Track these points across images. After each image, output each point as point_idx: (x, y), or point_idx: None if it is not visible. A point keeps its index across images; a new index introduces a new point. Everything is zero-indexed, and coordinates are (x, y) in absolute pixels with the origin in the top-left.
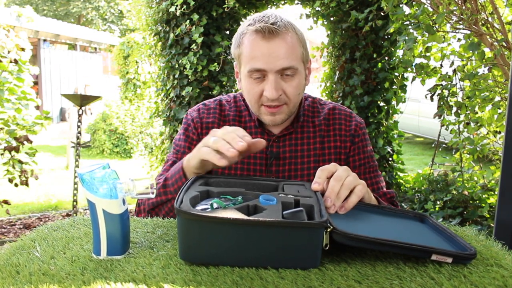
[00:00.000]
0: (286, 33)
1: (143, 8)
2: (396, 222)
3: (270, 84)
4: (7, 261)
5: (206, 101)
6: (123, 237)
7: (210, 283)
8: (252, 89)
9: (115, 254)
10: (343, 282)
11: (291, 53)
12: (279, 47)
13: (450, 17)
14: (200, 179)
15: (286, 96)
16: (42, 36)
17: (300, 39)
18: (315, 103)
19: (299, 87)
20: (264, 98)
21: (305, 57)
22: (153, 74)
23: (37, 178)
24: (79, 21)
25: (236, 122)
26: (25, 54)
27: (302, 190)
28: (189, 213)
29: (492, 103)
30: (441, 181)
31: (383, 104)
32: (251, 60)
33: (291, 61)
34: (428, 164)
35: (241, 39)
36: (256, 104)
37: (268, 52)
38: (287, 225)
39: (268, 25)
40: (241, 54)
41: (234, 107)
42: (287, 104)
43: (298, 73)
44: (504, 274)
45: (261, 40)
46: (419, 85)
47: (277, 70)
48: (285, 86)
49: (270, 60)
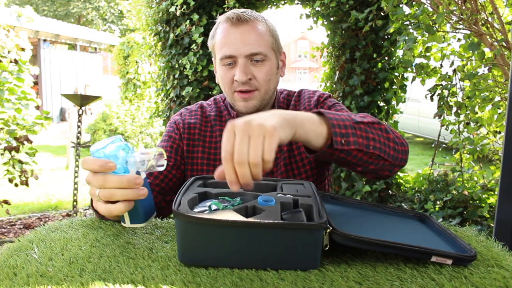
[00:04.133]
0: (255, 21)
1: (143, 8)
2: (396, 222)
3: (240, 68)
4: (5, 263)
5: (188, 106)
6: (143, 207)
7: (210, 285)
8: (225, 75)
9: (137, 223)
10: (344, 283)
11: (260, 39)
12: (247, 33)
13: (450, 17)
14: (199, 180)
15: (256, 81)
16: (42, 36)
17: (270, 30)
18: (290, 95)
19: (269, 73)
20: (235, 84)
21: (277, 48)
22: (153, 74)
23: (37, 178)
24: (79, 21)
25: (217, 121)
26: (25, 54)
27: (301, 189)
28: (187, 215)
29: (492, 103)
30: (441, 181)
31: (383, 104)
32: (222, 47)
33: (259, 47)
34: (428, 164)
35: (215, 31)
36: (229, 91)
37: (236, 38)
38: (286, 227)
39: (237, 13)
40: (215, 44)
41: (214, 108)
42: (258, 89)
43: (268, 59)
44: (505, 275)
45: (231, 27)
46: (419, 85)
47: (246, 55)
48: (255, 71)
49: (238, 46)
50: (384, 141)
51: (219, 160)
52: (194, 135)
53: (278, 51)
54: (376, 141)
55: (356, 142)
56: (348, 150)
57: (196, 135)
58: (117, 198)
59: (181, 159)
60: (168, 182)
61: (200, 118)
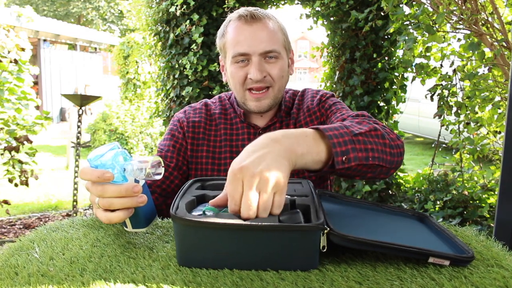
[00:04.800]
0: (267, 19)
1: (143, 8)
2: (395, 222)
3: (254, 66)
4: (6, 262)
5: (192, 104)
6: (143, 213)
7: (210, 284)
8: (237, 73)
9: (139, 228)
10: (344, 283)
11: (273, 36)
12: (261, 31)
13: (450, 17)
14: (197, 182)
15: (271, 78)
16: (42, 36)
17: (281, 27)
18: (294, 95)
19: (282, 70)
20: (248, 81)
21: (287, 45)
22: (153, 74)
23: (37, 178)
24: (79, 21)
25: (222, 119)
26: (25, 54)
27: (299, 189)
28: (184, 219)
29: (492, 103)
30: (441, 181)
31: (383, 104)
32: (235, 45)
33: (273, 44)
34: (428, 164)
35: (225, 28)
36: (241, 89)
37: (251, 36)
38: (283, 229)
39: (250, 11)
40: (226, 42)
41: (219, 105)
42: (272, 87)
43: (281, 57)
44: (505, 275)
45: (244, 25)
46: (419, 85)
47: (260, 53)
48: (268, 68)
49: (253, 43)
50: (381, 148)
51: (224, 160)
52: (198, 134)
53: (288, 49)
54: (375, 151)
55: (356, 158)
56: (348, 166)
57: (201, 134)
58: (116, 207)
59: (183, 160)
60: (170, 184)
61: (204, 116)
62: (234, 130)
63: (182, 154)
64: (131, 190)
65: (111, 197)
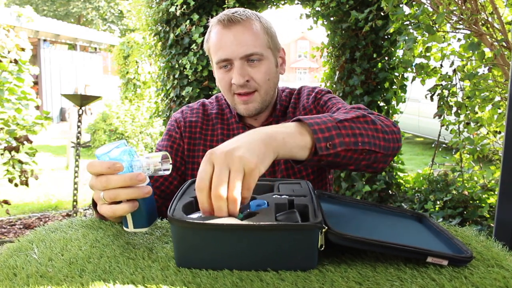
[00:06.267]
0: (247, 21)
1: (143, 8)
2: (394, 222)
3: (236, 70)
4: (4, 263)
5: (190, 104)
6: (146, 211)
7: (210, 285)
8: (223, 79)
9: (141, 227)
10: (344, 284)
11: (254, 39)
12: (241, 34)
13: (450, 17)
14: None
15: (255, 82)
16: (42, 36)
17: (265, 28)
18: (291, 93)
19: (267, 72)
20: (234, 86)
21: (274, 45)
22: (153, 74)
23: (37, 178)
24: (79, 21)
25: (219, 119)
26: (25, 54)
27: (297, 189)
28: (181, 221)
29: (492, 103)
30: (441, 181)
31: (383, 104)
32: (217, 51)
33: (254, 47)
34: (428, 164)
35: (209, 34)
36: (229, 94)
37: (230, 40)
38: (281, 228)
39: (228, 14)
40: (210, 48)
41: (216, 106)
42: (258, 90)
43: (265, 59)
44: (505, 275)
45: (223, 29)
46: (419, 85)
47: (241, 56)
48: (252, 72)
49: (233, 48)
50: (372, 133)
51: None
52: (195, 133)
53: (275, 48)
54: (364, 136)
55: (342, 143)
56: (335, 152)
57: (198, 134)
58: (122, 198)
59: (180, 160)
60: (169, 185)
61: (201, 116)
62: (231, 131)
63: (180, 154)
64: (136, 179)
65: (116, 188)
